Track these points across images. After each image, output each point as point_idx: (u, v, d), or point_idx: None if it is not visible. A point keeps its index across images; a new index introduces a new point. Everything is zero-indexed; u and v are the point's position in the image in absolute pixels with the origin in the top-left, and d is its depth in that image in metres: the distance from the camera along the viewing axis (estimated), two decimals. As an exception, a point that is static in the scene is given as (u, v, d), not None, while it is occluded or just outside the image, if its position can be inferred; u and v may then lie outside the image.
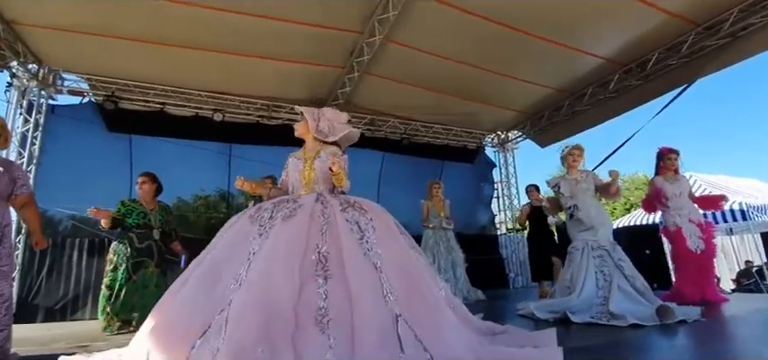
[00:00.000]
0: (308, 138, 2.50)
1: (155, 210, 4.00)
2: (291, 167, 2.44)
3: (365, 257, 1.85)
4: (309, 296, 1.69)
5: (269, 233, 1.90)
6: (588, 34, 5.20)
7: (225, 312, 1.59)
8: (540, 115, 7.31)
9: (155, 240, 3.90)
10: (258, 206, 2.16)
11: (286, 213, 2.00)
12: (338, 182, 2.30)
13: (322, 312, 1.65)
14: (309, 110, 2.52)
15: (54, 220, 5.58)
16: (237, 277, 1.73)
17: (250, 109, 6.43)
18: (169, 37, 4.83)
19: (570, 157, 3.71)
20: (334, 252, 1.85)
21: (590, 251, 3.45)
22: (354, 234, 1.93)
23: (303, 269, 1.76)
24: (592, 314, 3.02)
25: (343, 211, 2.05)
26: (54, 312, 5.03)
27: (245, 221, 2.05)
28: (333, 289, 1.73)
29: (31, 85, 5.19)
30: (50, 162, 5.30)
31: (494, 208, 8.91)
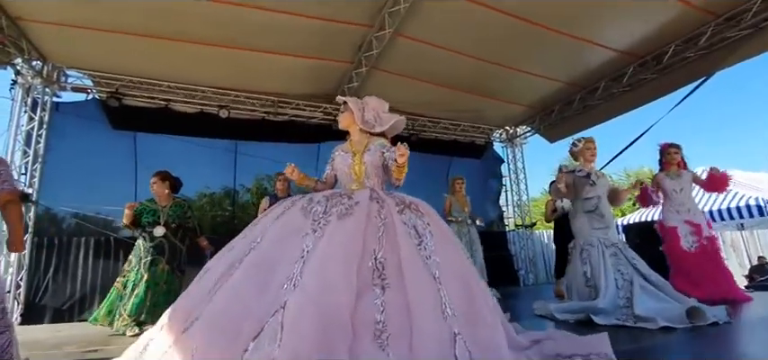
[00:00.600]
0: (354, 129, 2.38)
1: (167, 207, 3.93)
2: (339, 161, 2.34)
3: (424, 266, 1.74)
4: (366, 307, 1.58)
5: (324, 231, 1.79)
6: (602, 26, 5.07)
7: (279, 315, 1.48)
8: (550, 110, 7.18)
9: (164, 237, 3.82)
10: (310, 197, 2.05)
11: (342, 210, 1.88)
12: (400, 174, 2.17)
13: (380, 327, 1.54)
14: (353, 100, 2.41)
15: (58, 218, 5.54)
16: (291, 277, 1.61)
17: (256, 105, 6.34)
18: (174, 32, 4.74)
19: (588, 152, 3.57)
20: (392, 259, 1.74)
21: (604, 249, 3.33)
22: (412, 239, 1.82)
23: (360, 276, 1.65)
24: (617, 316, 2.90)
25: (400, 212, 1.93)
26: (62, 313, 4.98)
27: (297, 214, 1.93)
28: (390, 300, 1.61)
29: (36, 83, 5.12)
30: (55, 160, 5.24)
31: (501, 204, 8.82)
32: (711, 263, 3.85)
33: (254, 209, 6.98)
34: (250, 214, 6.95)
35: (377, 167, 2.25)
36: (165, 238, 3.82)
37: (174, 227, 3.91)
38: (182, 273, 3.92)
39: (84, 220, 5.50)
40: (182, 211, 4.01)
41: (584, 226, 3.45)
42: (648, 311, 2.80)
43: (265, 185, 7.11)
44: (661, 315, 2.70)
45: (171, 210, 3.94)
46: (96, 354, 2.80)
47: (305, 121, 6.69)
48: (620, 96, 6.22)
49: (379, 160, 2.25)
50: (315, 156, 7.03)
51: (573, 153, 3.67)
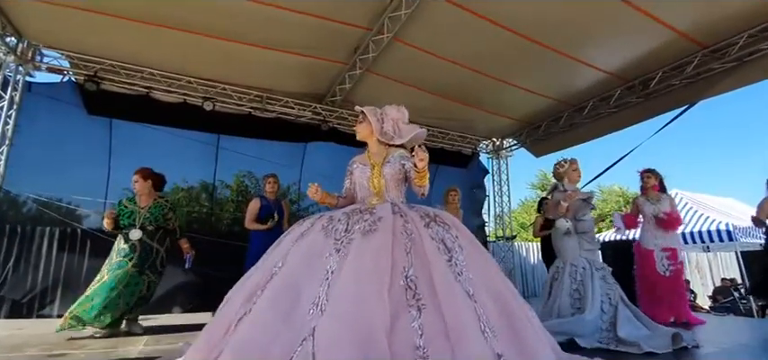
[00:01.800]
0: (372, 141, 2.29)
1: (146, 207, 3.72)
2: (357, 174, 2.25)
3: (457, 283, 1.64)
4: (404, 330, 1.48)
5: (348, 249, 1.70)
6: (595, 46, 5.14)
7: (308, 344, 1.39)
8: (537, 125, 7.27)
9: (138, 241, 3.61)
10: (330, 215, 1.96)
11: (365, 227, 1.79)
12: (421, 181, 2.08)
13: (421, 353, 1.43)
14: (372, 110, 2.31)
15: (19, 204, 5.18)
16: (316, 301, 1.53)
17: (242, 99, 6.12)
18: (160, 17, 4.50)
19: (575, 173, 3.59)
20: (423, 276, 1.64)
21: (594, 271, 3.36)
22: (442, 254, 1.73)
23: (392, 295, 1.55)
24: (599, 338, 2.93)
25: (426, 226, 1.84)
26: (21, 306, 4.66)
27: (318, 235, 1.84)
28: (428, 322, 1.51)
29: (9, 60, 4.76)
30: (24, 143, 4.89)
31: (484, 215, 8.87)
32: (678, 287, 4.00)
33: (232, 206, 6.76)
34: (228, 211, 6.73)
35: (397, 180, 2.17)
36: (138, 242, 3.61)
37: (151, 229, 3.70)
38: (157, 274, 3.72)
39: (49, 208, 5.16)
40: (161, 211, 3.78)
41: (575, 247, 3.45)
42: (633, 336, 2.83)
43: (246, 183, 6.89)
44: (645, 341, 2.74)
45: (149, 211, 3.73)
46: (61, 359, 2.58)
47: (293, 119, 6.52)
48: (606, 117, 6.35)
49: (399, 172, 2.17)
50: (300, 156, 6.88)
51: (558, 173, 3.66)
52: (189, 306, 5.31)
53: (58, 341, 3.13)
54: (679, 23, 4.59)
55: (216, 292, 5.44)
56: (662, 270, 4.00)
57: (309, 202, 6.78)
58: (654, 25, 4.58)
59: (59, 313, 4.59)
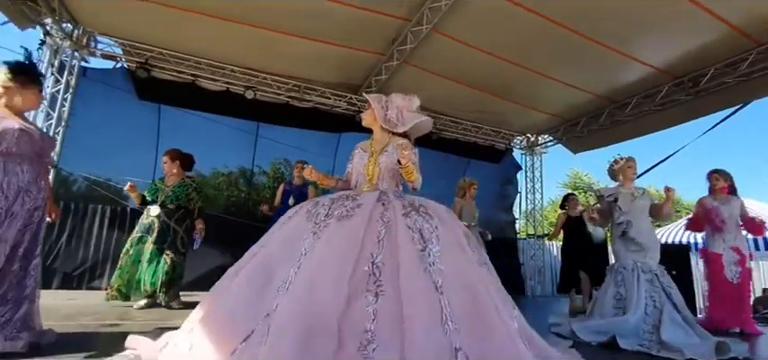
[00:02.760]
0: (376, 128, 2.30)
1: (171, 187, 3.84)
2: (357, 159, 2.26)
3: (425, 273, 1.62)
4: (356, 314, 1.50)
5: (322, 233, 1.74)
6: (642, 41, 4.95)
7: (269, 318, 1.47)
8: (575, 121, 7.06)
9: (156, 217, 3.72)
10: (316, 201, 1.99)
11: (342, 212, 1.82)
12: (408, 176, 2.09)
13: (368, 336, 1.45)
14: (377, 97, 2.32)
15: (69, 181, 5.51)
16: (286, 280, 1.59)
17: (281, 89, 6.26)
18: (207, 7, 4.66)
19: (629, 170, 3.47)
20: (390, 264, 1.64)
21: (641, 273, 3.24)
22: (415, 244, 1.71)
23: (354, 280, 1.58)
24: (640, 341, 2.85)
25: (405, 215, 1.83)
26: (71, 278, 4.96)
27: (302, 217, 1.89)
28: (383, 308, 1.52)
29: (65, 45, 5.06)
30: (78, 125, 5.19)
31: (515, 211, 8.75)
32: (745, 294, 3.80)
33: (268, 192, 6.95)
34: (265, 197, 6.91)
35: (392, 170, 2.15)
36: (157, 218, 3.71)
37: (171, 207, 3.78)
38: (180, 254, 3.78)
39: (100, 187, 5.47)
40: (185, 191, 3.86)
41: (620, 249, 3.38)
42: (674, 341, 2.73)
43: (282, 170, 7.06)
44: (688, 348, 2.64)
45: (173, 190, 3.82)
46: (113, 328, 2.75)
47: (328, 109, 6.62)
48: (651, 115, 6.11)
49: (395, 162, 2.15)
50: (334, 146, 6.97)
51: (613, 171, 3.56)
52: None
53: (109, 312, 3.32)
54: (733, 18, 4.35)
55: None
56: (730, 276, 3.79)
57: (340, 190, 6.89)
58: (707, 19, 4.36)
59: (108, 286, 4.88)
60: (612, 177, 3.59)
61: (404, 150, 2.04)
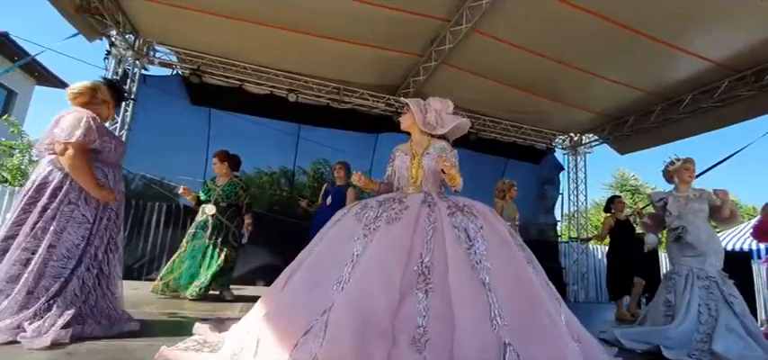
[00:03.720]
0: (415, 131, 2.37)
1: (221, 186, 4.12)
2: (398, 162, 2.33)
3: (472, 271, 1.68)
4: (408, 311, 1.58)
5: (372, 236, 1.83)
6: (697, 32, 4.63)
7: (326, 315, 1.54)
8: (623, 120, 6.74)
9: (211, 216, 4.00)
10: (364, 203, 2.09)
11: (391, 215, 1.90)
12: (451, 182, 2.16)
13: (420, 331, 1.53)
14: (415, 100, 2.38)
15: (127, 179, 5.94)
16: (340, 279, 1.68)
17: (321, 91, 6.45)
18: (253, 14, 4.88)
19: (686, 172, 3.28)
20: (439, 263, 1.72)
21: (695, 280, 3.06)
22: (461, 243, 1.78)
23: (404, 280, 1.66)
24: (689, 351, 2.71)
25: (450, 215, 1.90)
26: (132, 271, 5.37)
27: (351, 219, 2.00)
28: (433, 305, 1.59)
29: (127, 55, 5.50)
30: (139, 128, 5.63)
31: (556, 214, 8.46)
32: None
33: (309, 192, 7.18)
34: (305, 197, 7.15)
35: (435, 171, 2.21)
36: (211, 216, 3.99)
37: (223, 205, 4.06)
38: (232, 248, 4.06)
39: (155, 185, 5.90)
40: (234, 189, 4.15)
41: (674, 254, 3.23)
42: (728, 352, 2.58)
43: (322, 170, 7.26)
44: (742, 358, 2.51)
45: (223, 189, 4.11)
46: (173, 318, 2.98)
47: (367, 110, 6.74)
48: (708, 111, 5.72)
49: (437, 164, 2.21)
50: (372, 146, 7.08)
51: (668, 172, 3.37)
52: (268, 280, 5.76)
53: (168, 302, 3.61)
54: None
55: (291, 269, 5.83)
56: None
57: (379, 191, 6.99)
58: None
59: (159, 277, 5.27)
60: (668, 180, 3.40)
61: (445, 161, 2.11)
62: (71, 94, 2.33)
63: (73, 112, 2.24)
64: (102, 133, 2.29)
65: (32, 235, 2.06)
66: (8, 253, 2.04)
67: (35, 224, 2.09)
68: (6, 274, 2.00)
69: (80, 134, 2.14)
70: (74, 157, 2.13)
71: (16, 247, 2.04)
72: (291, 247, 5.51)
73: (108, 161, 2.34)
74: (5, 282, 1.99)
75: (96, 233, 2.23)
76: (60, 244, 2.11)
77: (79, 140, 2.14)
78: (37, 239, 2.07)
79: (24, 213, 2.11)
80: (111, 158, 2.35)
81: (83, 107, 2.31)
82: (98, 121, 2.27)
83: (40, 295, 2.02)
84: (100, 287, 2.25)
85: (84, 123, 2.17)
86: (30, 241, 2.05)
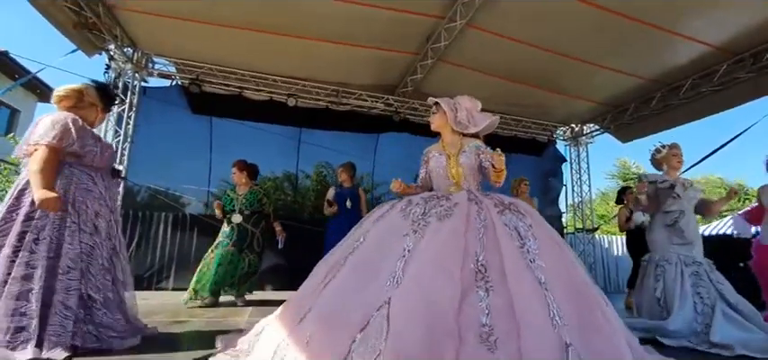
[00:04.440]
0: (446, 131, 2.37)
1: (242, 195, 4.22)
2: (433, 163, 2.34)
3: (528, 270, 1.64)
4: (470, 310, 1.54)
5: (424, 232, 1.80)
6: (694, 17, 4.61)
7: (383, 310, 1.51)
8: (623, 108, 6.72)
9: (237, 224, 4.09)
10: (408, 199, 2.07)
11: (441, 212, 1.88)
12: (498, 178, 2.13)
13: (487, 330, 1.48)
14: (446, 100, 2.37)
15: (133, 191, 6.02)
16: (394, 274, 1.64)
17: (320, 94, 6.48)
18: (250, 21, 4.92)
19: (674, 158, 3.28)
20: (494, 261, 1.68)
21: (684, 267, 3.05)
22: (514, 240, 1.75)
23: (463, 277, 1.62)
24: (690, 339, 2.72)
25: (500, 213, 1.87)
26: (143, 280, 5.42)
27: (397, 215, 1.97)
28: (495, 304, 1.55)
29: (127, 68, 5.56)
30: (141, 140, 5.68)
31: (561, 205, 8.47)
32: None
33: (313, 194, 7.21)
34: (309, 200, 7.19)
35: (473, 169, 2.22)
36: (235, 225, 4.12)
37: (247, 213, 4.17)
38: (256, 253, 4.19)
39: (162, 196, 5.95)
40: (256, 197, 4.26)
41: (663, 240, 3.18)
42: (727, 339, 2.58)
43: (325, 173, 7.30)
44: (741, 343, 2.51)
45: (245, 197, 4.22)
46: (186, 325, 3.02)
47: (366, 111, 6.76)
48: (708, 96, 5.70)
49: (475, 162, 2.22)
50: (373, 146, 7.11)
51: (656, 160, 3.37)
52: (278, 284, 5.81)
53: (180, 310, 3.65)
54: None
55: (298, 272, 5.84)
56: None
57: (383, 190, 7.02)
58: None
59: (175, 286, 5.33)
60: (656, 167, 3.39)
61: (496, 155, 2.09)
62: (56, 97, 2.28)
63: (52, 115, 2.17)
64: (85, 136, 2.22)
65: (27, 249, 1.99)
66: None
67: (23, 235, 2.01)
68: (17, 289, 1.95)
69: (52, 136, 2.08)
70: (37, 158, 2.04)
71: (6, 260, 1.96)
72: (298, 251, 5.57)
73: (94, 166, 2.28)
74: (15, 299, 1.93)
75: (92, 240, 2.18)
76: (63, 255, 2.06)
77: (51, 143, 2.07)
78: (33, 253, 2.00)
79: (6, 222, 2.04)
80: (98, 163, 2.29)
81: (68, 110, 2.26)
82: (79, 124, 2.20)
83: (56, 311, 1.99)
84: (111, 296, 2.24)
85: (59, 125, 2.11)
86: (25, 255, 1.98)
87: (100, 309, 2.16)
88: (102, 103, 2.44)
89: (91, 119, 2.39)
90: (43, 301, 1.97)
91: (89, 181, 2.24)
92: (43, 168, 2.02)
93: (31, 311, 1.94)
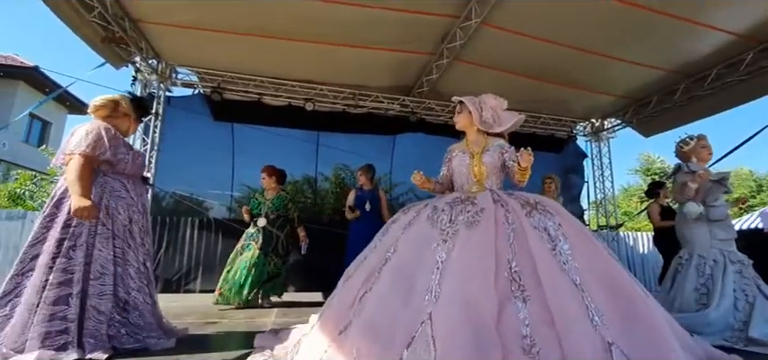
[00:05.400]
0: (471, 130, 2.37)
1: (270, 199, 4.34)
2: (457, 162, 2.34)
3: (562, 273, 1.63)
4: (510, 321, 1.54)
5: (454, 241, 1.79)
6: (718, 6, 4.48)
7: (426, 325, 1.52)
8: (646, 101, 6.57)
9: (262, 228, 4.20)
10: (433, 205, 2.07)
11: (468, 218, 1.87)
12: (523, 176, 2.14)
13: (529, 342, 1.48)
14: (470, 99, 2.37)
15: (159, 197, 6.22)
16: (430, 288, 1.64)
17: (337, 98, 6.57)
18: (269, 30, 5.03)
19: (704, 150, 3.19)
20: (527, 268, 1.67)
21: (729, 264, 2.98)
22: (545, 243, 1.74)
23: (498, 287, 1.62)
24: (726, 337, 2.66)
25: (527, 215, 1.86)
26: (171, 283, 5.61)
27: (425, 224, 1.97)
28: (534, 313, 1.55)
29: (152, 79, 5.76)
30: (166, 148, 5.88)
31: (583, 203, 8.31)
32: None
33: (332, 197, 7.31)
34: (329, 202, 7.29)
35: (496, 168, 2.22)
36: (260, 228, 4.23)
37: (272, 217, 4.27)
38: (281, 257, 4.30)
39: (188, 201, 6.15)
40: (282, 202, 4.38)
41: (705, 236, 3.08)
42: (765, 336, 2.53)
43: (343, 175, 7.38)
44: None
45: (272, 202, 4.34)
46: (216, 326, 3.13)
47: (383, 113, 6.82)
48: (734, 86, 5.52)
49: (498, 161, 2.22)
50: (390, 148, 7.16)
51: (683, 153, 3.28)
52: (299, 285, 5.92)
53: (209, 312, 3.78)
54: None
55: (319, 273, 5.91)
56: None
57: (401, 190, 7.06)
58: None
59: (201, 289, 5.50)
60: (684, 160, 3.28)
61: (527, 154, 2.07)
62: (93, 106, 2.40)
63: (86, 124, 2.28)
64: (117, 144, 2.32)
65: (65, 256, 2.09)
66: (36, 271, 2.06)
67: (61, 241, 2.10)
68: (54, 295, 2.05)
69: (86, 145, 2.17)
70: (73, 167, 2.13)
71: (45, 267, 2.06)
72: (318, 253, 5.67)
73: (126, 173, 2.38)
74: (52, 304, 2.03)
75: (125, 245, 2.29)
76: (95, 260, 2.15)
77: (85, 151, 2.16)
78: (70, 259, 2.10)
79: (45, 230, 2.14)
80: (129, 170, 2.39)
81: (103, 120, 2.37)
82: (111, 133, 2.31)
83: (90, 315, 2.11)
84: (145, 299, 2.35)
85: (93, 135, 2.22)
86: (63, 261, 2.08)
87: (135, 310, 2.27)
88: (136, 114, 2.57)
89: (124, 128, 2.51)
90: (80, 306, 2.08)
91: (121, 188, 2.35)
92: (80, 176, 2.13)
93: (71, 316, 2.05)
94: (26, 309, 2.01)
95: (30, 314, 2.00)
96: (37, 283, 2.05)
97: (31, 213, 6.90)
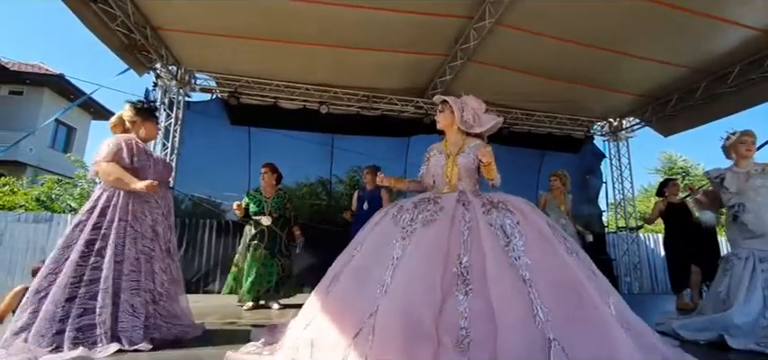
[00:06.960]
0: (451, 130, 2.39)
1: (271, 198, 4.31)
2: (433, 162, 2.37)
3: (511, 268, 1.68)
4: (450, 314, 1.61)
5: (411, 239, 1.87)
6: (740, 1, 4.39)
7: (373, 318, 1.62)
8: (665, 99, 6.43)
9: (266, 226, 4.18)
10: (400, 205, 2.14)
11: (427, 217, 1.94)
12: (489, 175, 2.18)
13: (464, 333, 1.55)
14: (453, 99, 2.40)
15: (178, 200, 6.35)
16: (383, 283, 1.74)
17: (351, 100, 6.63)
18: (284, 34, 5.12)
19: (743, 146, 3.09)
20: (477, 263, 1.73)
21: (757, 263, 2.88)
22: (499, 240, 1.78)
23: (444, 282, 1.69)
24: (756, 339, 2.57)
25: (485, 213, 1.91)
26: (190, 284, 5.72)
27: (389, 222, 2.06)
28: (474, 307, 1.61)
29: (172, 85, 5.93)
30: (185, 151, 6.03)
31: (601, 204, 8.16)
32: None
33: (346, 199, 7.36)
34: (343, 204, 7.34)
35: (470, 170, 2.23)
36: (264, 227, 4.18)
37: (275, 216, 4.26)
38: (286, 256, 4.30)
39: (203, 203, 6.29)
40: (282, 201, 4.35)
41: (735, 235, 3.07)
42: None
43: (357, 177, 7.44)
44: None
45: (273, 201, 4.30)
46: (234, 325, 3.20)
47: (396, 115, 6.84)
48: (759, 83, 5.36)
49: (473, 162, 2.23)
50: (404, 149, 7.17)
51: (724, 148, 3.22)
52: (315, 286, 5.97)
53: (228, 311, 3.86)
54: None
55: (334, 274, 5.92)
56: None
57: (413, 192, 7.07)
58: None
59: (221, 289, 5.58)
60: (727, 156, 3.23)
61: (485, 149, 2.15)
62: (110, 127, 2.64)
63: (108, 138, 2.50)
64: (138, 152, 2.48)
65: (96, 255, 2.24)
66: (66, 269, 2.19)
67: (92, 242, 2.26)
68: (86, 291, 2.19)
69: (105, 154, 2.39)
70: (107, 172, 2.36)
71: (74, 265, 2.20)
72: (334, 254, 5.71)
73: (149, 179, 2.46)
74: (87, 298, 2.18)
75: (152, 243, 2.43)
76: (125, 259, 2.29)
77: (106, 158, 2.38)
78: (101, 258, 2.25)
79: (79, 231, 2.30)
80: (152, 176, 2.48)
81: (121, 134, 2.57)
82: (131, 143, 2.49)
83: (123, 309, 2.22)
84: (171, 292, 2.48)
85: (112, 145, 2.43)
86: (93, 259, 2.24)
87: (165, 301, 2.42)
88: (141, 117, 2.63)
89: (141, 135, 2.62)
90: (113, 301, 2.21)
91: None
92: (116, 176, 2.36)
93: (103, 312, 2.16)
94: (56, 306, 2.12)
95: (60, 311, 2.12)
96: (67, 282, 2.17)
97: (57, 216, 7.16)
